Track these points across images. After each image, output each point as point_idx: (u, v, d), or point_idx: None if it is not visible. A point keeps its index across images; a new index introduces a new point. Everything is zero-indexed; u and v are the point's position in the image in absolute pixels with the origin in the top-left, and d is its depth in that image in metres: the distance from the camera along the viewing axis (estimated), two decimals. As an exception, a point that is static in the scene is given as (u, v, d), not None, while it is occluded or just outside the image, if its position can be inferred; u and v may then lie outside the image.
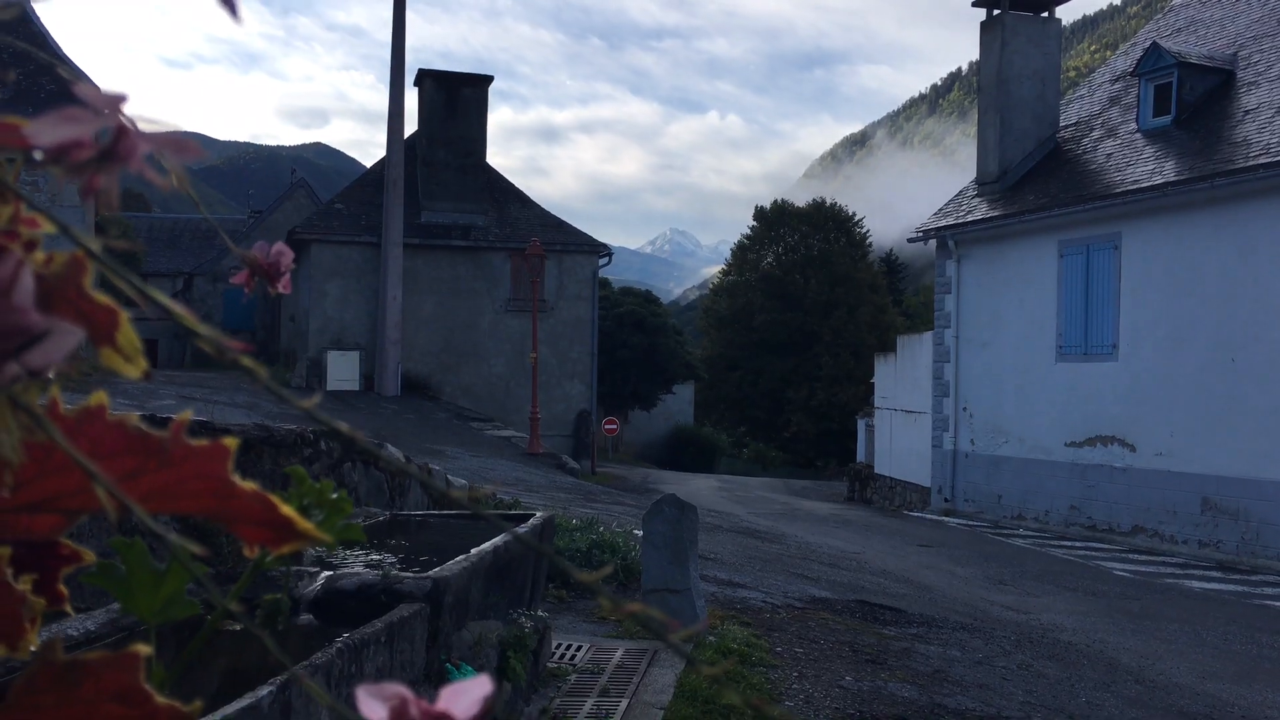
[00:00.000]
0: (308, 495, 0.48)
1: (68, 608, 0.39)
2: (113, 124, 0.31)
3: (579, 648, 5.74)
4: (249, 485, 0.34)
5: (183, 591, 0.48)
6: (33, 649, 0.36)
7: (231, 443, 0.34)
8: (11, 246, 0.31)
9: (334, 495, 0.49)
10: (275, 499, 0.34)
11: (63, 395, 0.35)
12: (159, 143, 0.32)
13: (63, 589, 0.38)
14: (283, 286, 0.55)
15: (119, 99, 0.31)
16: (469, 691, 0.32)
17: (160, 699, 0.32)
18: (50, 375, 0.30)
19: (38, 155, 0.31)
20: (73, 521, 0.36)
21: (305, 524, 0.36)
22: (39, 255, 0.33)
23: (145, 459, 0.33)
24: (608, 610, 6.36)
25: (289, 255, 0.55)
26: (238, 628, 2.29)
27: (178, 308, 0.32)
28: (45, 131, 0.31)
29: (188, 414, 0.35)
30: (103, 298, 0.34)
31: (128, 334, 0.34)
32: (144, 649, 0.32)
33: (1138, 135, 17.53)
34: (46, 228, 0.34)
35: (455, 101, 26.35)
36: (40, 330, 0.28)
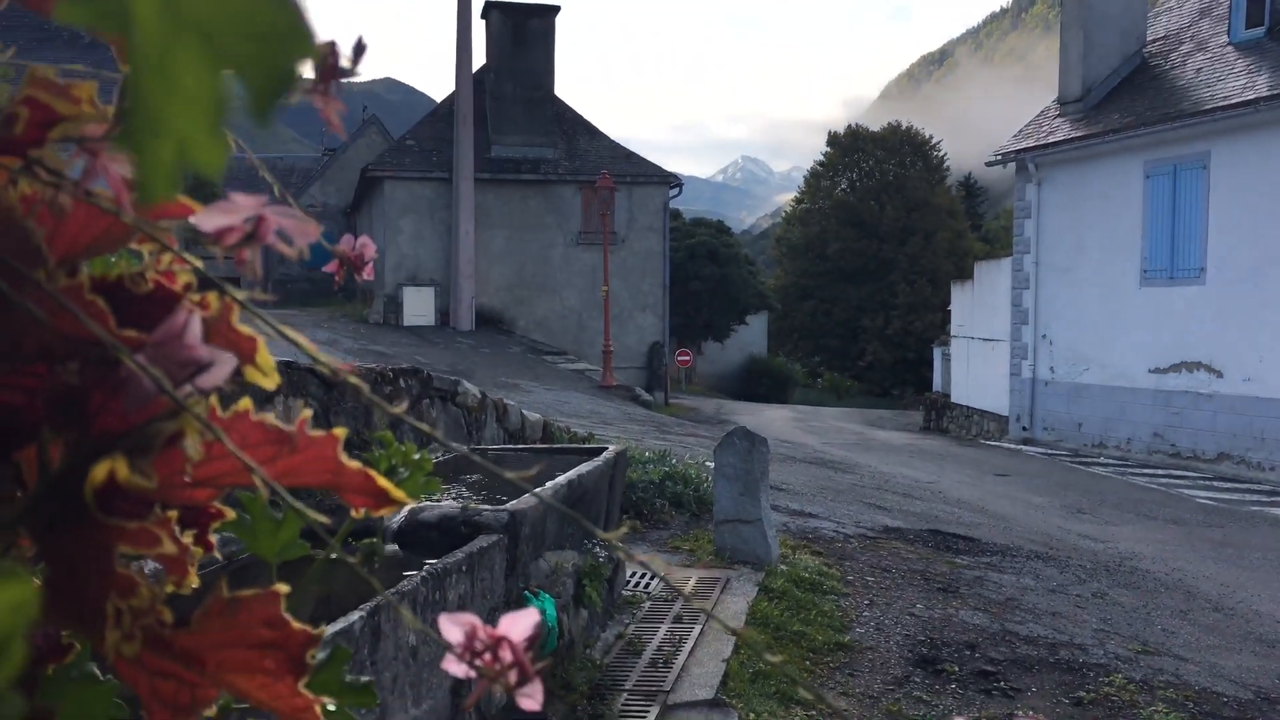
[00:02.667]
0: (395, 457, 0.57)
1: (216, 554, 0.49)
2: (256, 214, 0.40)
3: (653, 576, 5.90)
4: (354, 464, 0.42)
5: (296, 536, 0.58)
6: (194, 585, 0.46)
7: (341, 432, 0.43)
8: (180, 295, 0.40)
9: (416, 456, 0.57)
10: (374, 474, 0.42)
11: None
12: (289, 228, 0.41)
13: (212, 539, 0.48)
14: (367, 274, 0.63)
15: (262, 200, 0.41)
16: (522, 619, 0.40)
17: (295, 624, 0.41)
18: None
19: (200, 227, 0.40)
20: (224, 492, 0.45)
21: (398, 492, 0.44)
22: (194, 296, 0.42)
23: (279, 447, 0.41)
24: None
25: (371, 248, 0.63)
26: (333, 557, 2.43)
27: (304, 341, 0.40)
28: (207, 220, 0.40)
29: (308, 412, 0.43)
30: (245, 329, 0.42)
31: (264, 356, 0.43)
32: (283, 588, 0.41)
33: (1229, 48, 16.76)
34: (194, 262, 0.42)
35: (522, 33, 26.23)
36: (208, 361, 0.38)
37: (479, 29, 26.02)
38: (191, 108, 0.27)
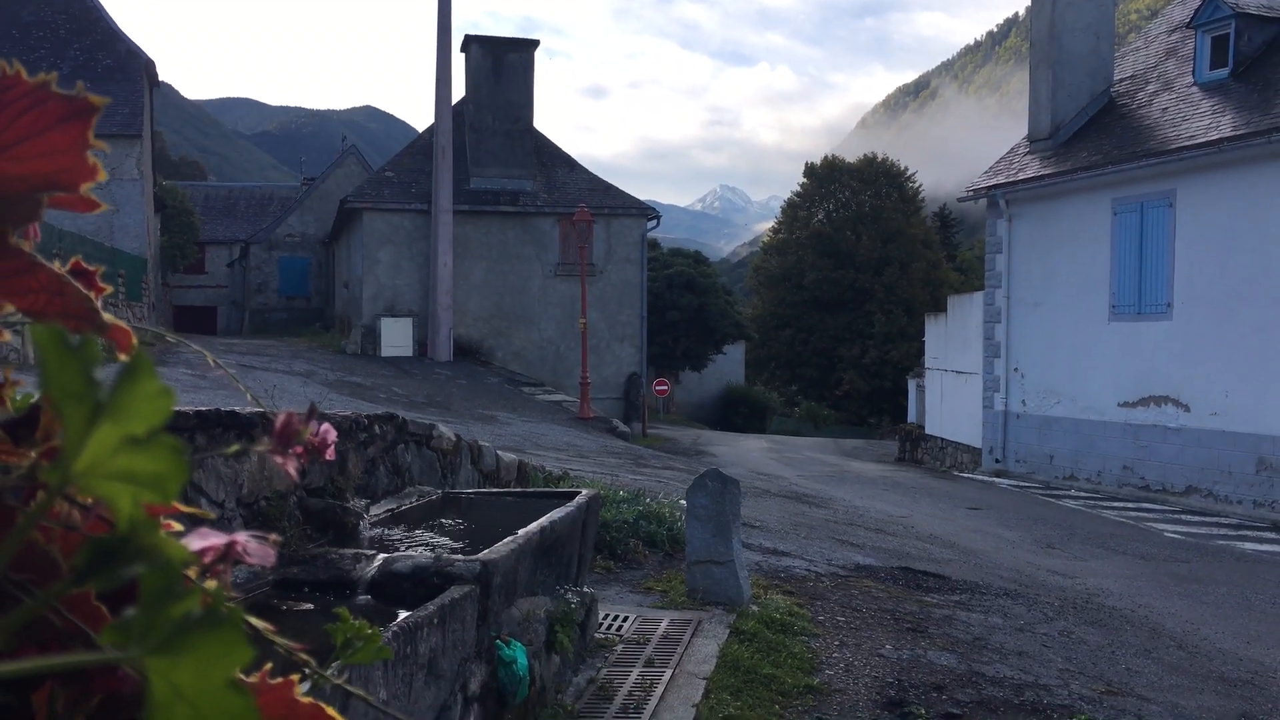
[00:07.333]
0: (349, 631, 0.65)
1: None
2: (229, 539, 0.50)
3: (625, 618, 5.96)
4: (307, 699, 0.51)
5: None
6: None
7: (296, 677, 0.51)
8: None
9: (369, 631, 0.65)
10: (323, 705, 0.51)
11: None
12: (251, 549, 0.50)
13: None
14: (328, 455, 0.72)
15: (234, 539, 0.50)
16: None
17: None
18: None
19: (187, 547, 0.49)
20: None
21: (335, 714, 0.53)
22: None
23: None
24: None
25: (333, 434, 0.71)
26: (306, 607, 2.55)
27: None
28: (193, 542, 0.49)
29: (269, 665, 0.52)
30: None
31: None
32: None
33: (1194, 89, 17.15)
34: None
35: (502, 67, 26.45)
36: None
37: (459, 62, 26.23)
38: (125, 500, 0.49)
